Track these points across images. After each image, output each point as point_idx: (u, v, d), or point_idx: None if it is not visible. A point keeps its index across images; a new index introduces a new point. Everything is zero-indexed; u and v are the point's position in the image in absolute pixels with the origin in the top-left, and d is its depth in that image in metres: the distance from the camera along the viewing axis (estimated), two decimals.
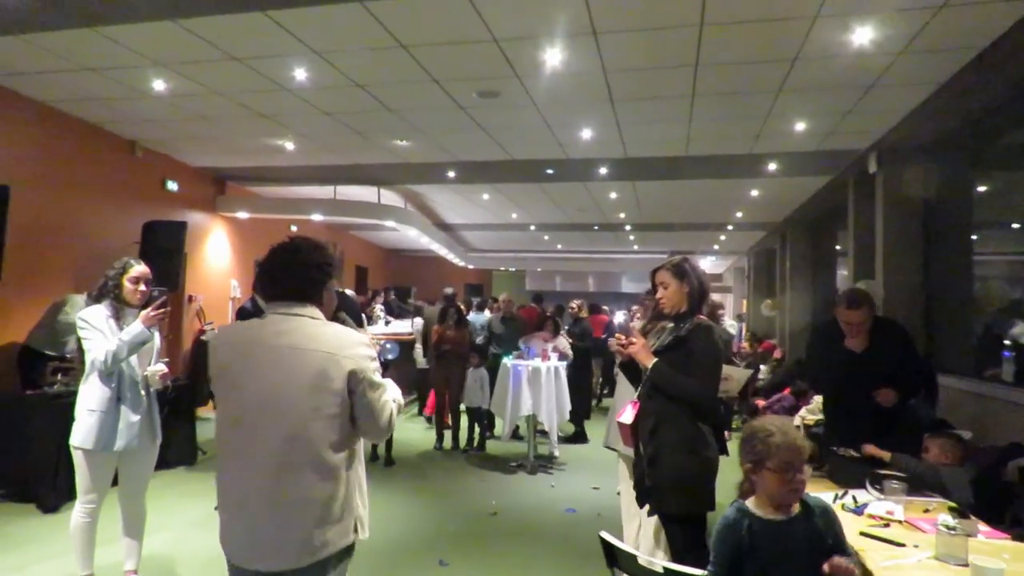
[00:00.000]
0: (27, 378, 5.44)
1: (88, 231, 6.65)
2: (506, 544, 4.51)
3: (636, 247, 16.61)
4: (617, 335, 2.90)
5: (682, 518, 2.66)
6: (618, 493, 5.56)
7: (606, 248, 17.19)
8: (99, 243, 6.62)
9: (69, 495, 4.67)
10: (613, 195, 9.98)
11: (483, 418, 7.40)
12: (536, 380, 6.41)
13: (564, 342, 7.31)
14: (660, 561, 2.09)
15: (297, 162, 8.23)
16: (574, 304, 9.09)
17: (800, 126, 6.11)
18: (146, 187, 7.66)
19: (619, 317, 6.19)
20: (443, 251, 14.56)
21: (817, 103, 5.49)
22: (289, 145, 7.40)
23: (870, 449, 3.32)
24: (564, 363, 6.86)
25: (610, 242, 15.82)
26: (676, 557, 2.59)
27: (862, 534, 2.40)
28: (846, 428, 3.61)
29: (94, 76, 5.29)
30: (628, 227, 13.25)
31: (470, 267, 19.19)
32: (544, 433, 7.00)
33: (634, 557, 2.15)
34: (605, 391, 11.11)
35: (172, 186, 8.14)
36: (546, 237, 15.22)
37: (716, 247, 16.09)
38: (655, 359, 2.69)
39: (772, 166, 7.63)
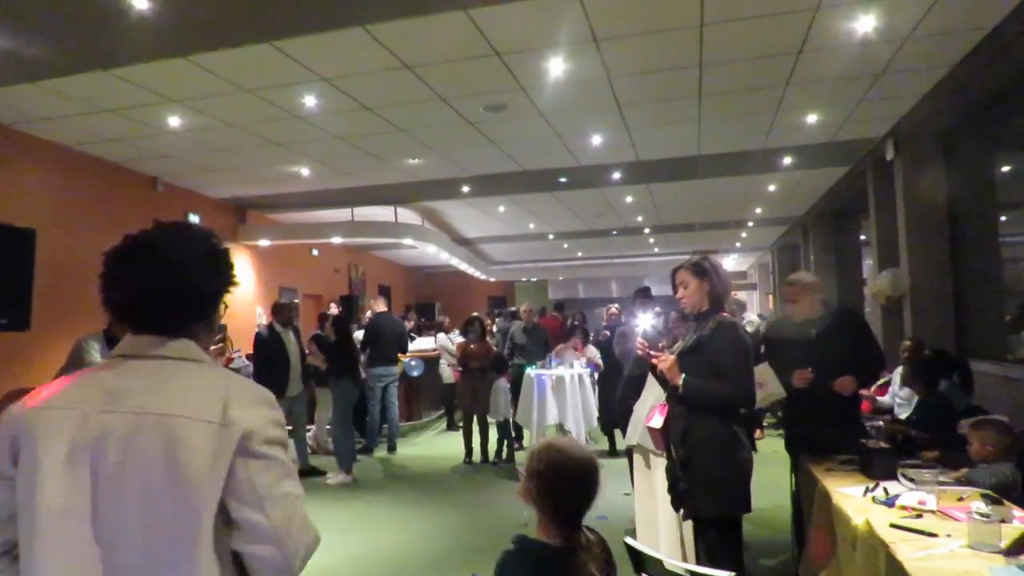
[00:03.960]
0: None
1: None
2: None
3: (657, 249, 16.51)
4: (640, 341, 2.86)
5: (717, 521, 2.62)
6: (626, 494, 5.55)
7: (627, 252, 17.12)
8: None
9: None
10: (629, 199, 9.96)
11: (510, 430, 7.39)
12: (561, 389, 6.40)
13: (594, 351, 7.29)
14: (685, 564, 2.07)
15: (314, 187, 8.36)
16: (614, 309, 8.64)
17: (812, 118, 6.05)
18: None
19: (645, 320, 5.90)
20: (464, 266, 14.62)
21: (827, 94, 5.44)
22: (305, 171, 7.52)
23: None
24: (588, 370, 6.84)
25: (630, 246, 15.76)
26: (710, 560, 2.57)
27: (892, 526, 2.35)
28: (806, 414, 3.58)
29: (112, 116, 5.44)
30: (647, 230, 13.19)
31: (492, 280, 19.24)
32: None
33: (660, 562, 2.14)
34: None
35: (194, 218, 8.30)
36: (565, 245, 15.22)
37: (739, 244, 15.94)
38: (684, 376, 2.63)
39: (787, 160, 7.56)
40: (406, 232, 10.33)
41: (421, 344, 10.30)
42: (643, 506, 3.63)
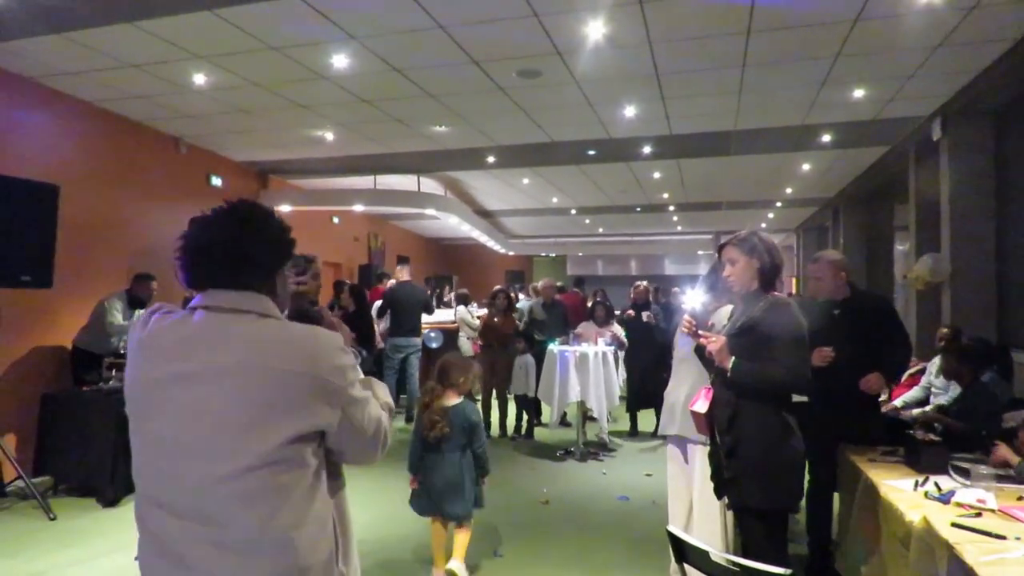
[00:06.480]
0: (78, 376, 5.50)
1: (135, 228, 6.72)
2: (560, 533, 4.42)
3: (680, 228, 16.25)
4: (687, 318, 2.72)
5: (764, 513, 2.49)
6: (647, 475, 5.47)
7: (649, 230, 16.87)
8: (146, 240, 6.70)
9: (127, 488, 4.75)
10: (657, 175, 9.72)
11: (530, 405, 7.30)
12: (584, 366, 6.28)
13: (619, 328, 7.12)
14: (737, 558, 1.95)
15: (337, 153, 8.21)
16: (643, 285, 8.11)
17: (858, 93, 5.77)
18: (191, 183, 7.73)
19: (690, 298, 5.19)
20: (483, 238, 14.47)
21: (878, 67, 5.16)
22: (329, 135, 7.38)
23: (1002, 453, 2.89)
24: (612, 348, 6.70)
25: (653, 224, 15.51)
26: (750, 553, 2.44)
27: (954, 525, 2.21)
28: (826, 402, 3.35)
29: (136, 72, 5.31)
30: (671, 208, 12.93)
31: (510, 254, 19.08)
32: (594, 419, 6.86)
33: (706, 553, 2.02)
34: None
35: (216, 181, 8.21)
36: (587, 221, 15.00)
37: (763, 225, 15.61)
38: (734, 359, 2.47)
39: (826, 138, 7.29)
40: (429, 202, 10.18)
41: (440, 316, 10.21)
42: (677, 499, 3.50)
